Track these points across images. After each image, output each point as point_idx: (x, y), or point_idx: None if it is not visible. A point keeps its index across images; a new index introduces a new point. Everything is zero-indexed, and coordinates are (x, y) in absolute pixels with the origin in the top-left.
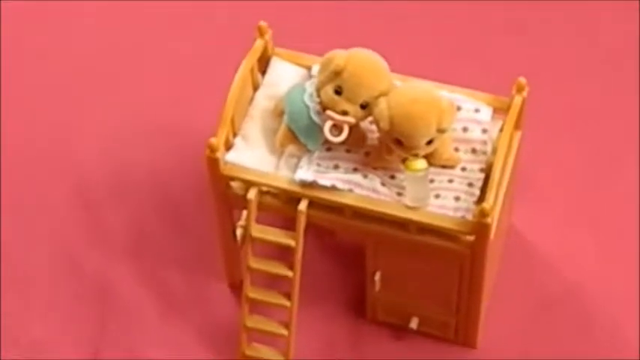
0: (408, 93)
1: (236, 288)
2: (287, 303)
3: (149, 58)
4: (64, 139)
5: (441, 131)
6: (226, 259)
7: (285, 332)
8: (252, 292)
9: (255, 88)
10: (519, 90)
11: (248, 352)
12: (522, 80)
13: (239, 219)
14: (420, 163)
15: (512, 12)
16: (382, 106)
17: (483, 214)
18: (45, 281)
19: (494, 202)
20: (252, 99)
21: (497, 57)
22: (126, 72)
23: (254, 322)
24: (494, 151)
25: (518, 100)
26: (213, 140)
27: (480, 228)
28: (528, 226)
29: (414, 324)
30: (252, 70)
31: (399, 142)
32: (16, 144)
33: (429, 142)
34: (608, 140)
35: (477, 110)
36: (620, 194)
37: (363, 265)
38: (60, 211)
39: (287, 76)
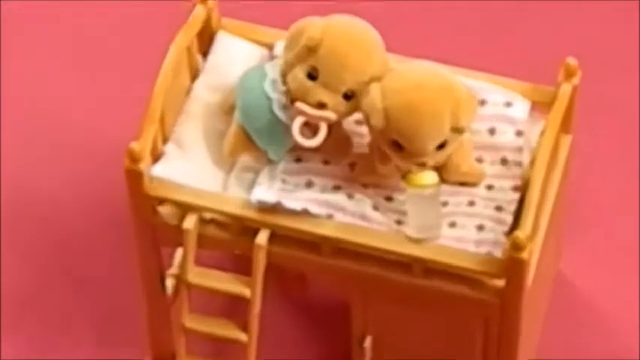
0: (409, 77)
1: None
2: None
3: (45, 38)
4: None
5: (457, 131)
6: (151, 323)
7: None
8: None
9: (194, 74)
10: (569, 75)
11: None
12: (572, 61)
13: (170, 265)
14: (428, 177)
15: None
16: (374, 95)
17: (517, 246)
18: None
19: (532, 231)
20: (189, 90)
21: (537, 32)
22: (13, 58)
23: None
24: (534, 162)
25: (566, 89)
26: (134, 145)
27: (512, 268)
28: (582, 272)
29: None
30: (188, 50)
31: (397, 147)
32: None
33: (441, 147)
34: None
35: (508, 104)
36: None
37: (346, 325)
38: None
39: (239, 58)
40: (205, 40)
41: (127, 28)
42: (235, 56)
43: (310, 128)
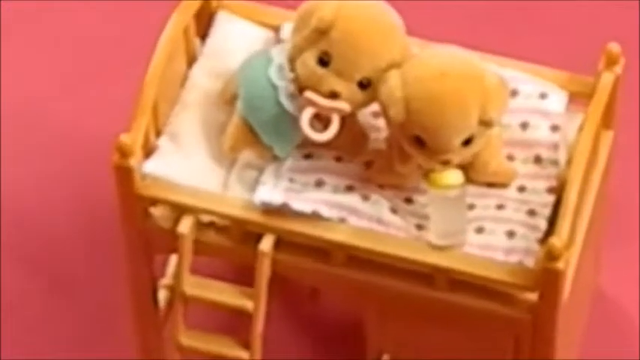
0: (433, 64)
1: None
2: None
3: (34, 34)
4: None
5: (485, 124)
6: (141, 340)
7: None
8: None
9: (191, 60)
10: (611, 63)
11: None
12: (615, 48)
13: (163, 275)
14: (453, 177)
15: None
16: (393, 84)
17: (552, 256)
18: None
19: (569, 239)
20: (185, 77)
21: (575, 15)
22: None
23: None
24: (571, 160)
25: (607, 79)
26: (125, 138)
27: (547, 279)
28: (623, 286)
29: None
30: (185, 32)
31: (419, 142)
32: None
33: (467, 143)
34: None
35: (542, 95)
36: None
37: (360, 344)
38: None
39: (241, 41)
40: (204, 21)
41: (117, 13)
42: (237, 39)
43: (321, 121)
